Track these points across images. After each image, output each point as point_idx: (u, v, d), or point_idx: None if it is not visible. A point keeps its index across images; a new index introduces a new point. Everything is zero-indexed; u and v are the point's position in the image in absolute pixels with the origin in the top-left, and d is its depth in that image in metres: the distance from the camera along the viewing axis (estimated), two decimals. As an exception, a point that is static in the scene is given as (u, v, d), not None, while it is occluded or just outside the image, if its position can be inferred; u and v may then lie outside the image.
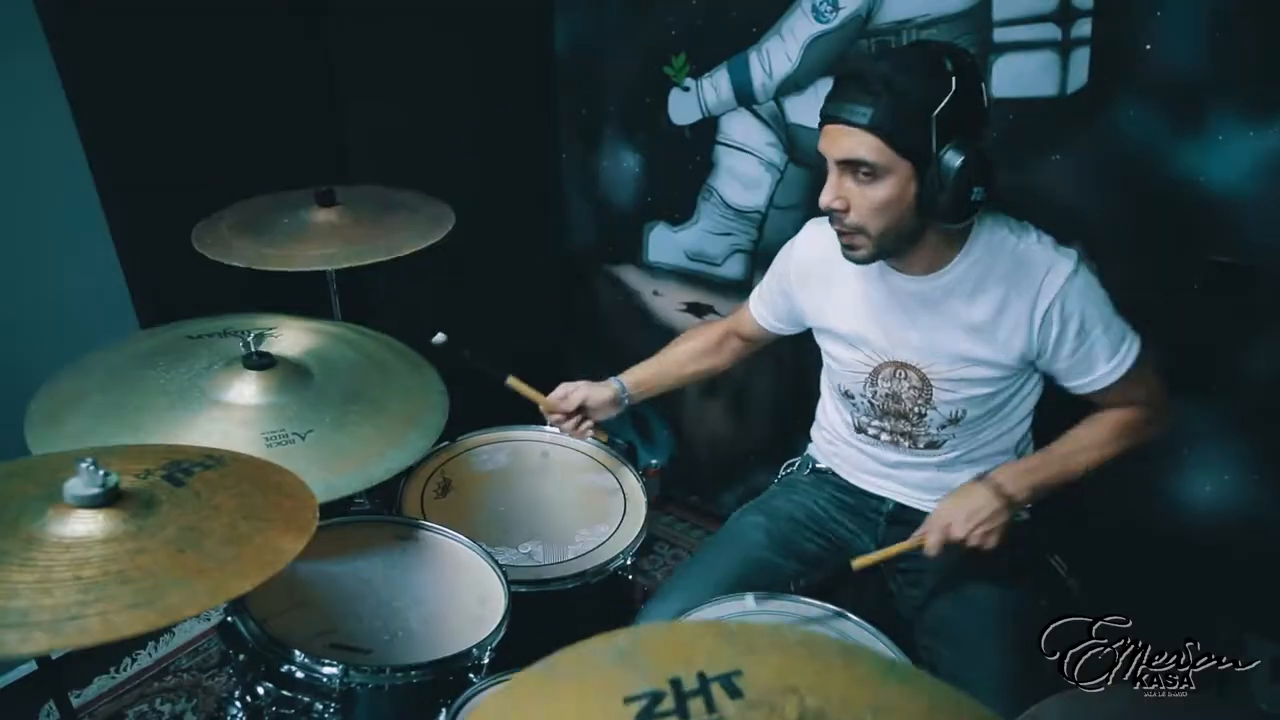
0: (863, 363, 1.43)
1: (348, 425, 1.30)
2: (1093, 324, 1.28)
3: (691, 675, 0.53)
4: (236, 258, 1.57)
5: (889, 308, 1.38)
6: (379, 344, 1.55)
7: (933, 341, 1.35)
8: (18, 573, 0.80)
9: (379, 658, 1.24)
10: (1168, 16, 1.53)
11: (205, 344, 1.40)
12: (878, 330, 1.40)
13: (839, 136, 1.20)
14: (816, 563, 1.49)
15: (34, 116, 1.69)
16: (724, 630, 0.59)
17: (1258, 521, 1.68)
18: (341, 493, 1.19)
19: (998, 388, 1.35)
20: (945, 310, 1.33)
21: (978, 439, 1.43)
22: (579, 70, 2.48)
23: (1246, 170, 1.53)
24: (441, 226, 1.73)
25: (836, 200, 1.23)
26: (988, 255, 1.30)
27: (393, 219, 1.75)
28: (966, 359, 1.34)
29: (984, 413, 1.38)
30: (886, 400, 1.43)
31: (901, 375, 1.40)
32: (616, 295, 2.65)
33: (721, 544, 1.54)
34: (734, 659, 0.54)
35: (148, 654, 2.04)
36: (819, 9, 1.95)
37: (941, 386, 1.37)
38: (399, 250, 1.63)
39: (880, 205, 1.21)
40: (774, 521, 1.53)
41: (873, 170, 1.19)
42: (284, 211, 1.73)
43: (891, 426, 1.46)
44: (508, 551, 1.54)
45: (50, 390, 1.26)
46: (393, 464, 1.27)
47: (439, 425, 1.37)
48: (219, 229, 1.67)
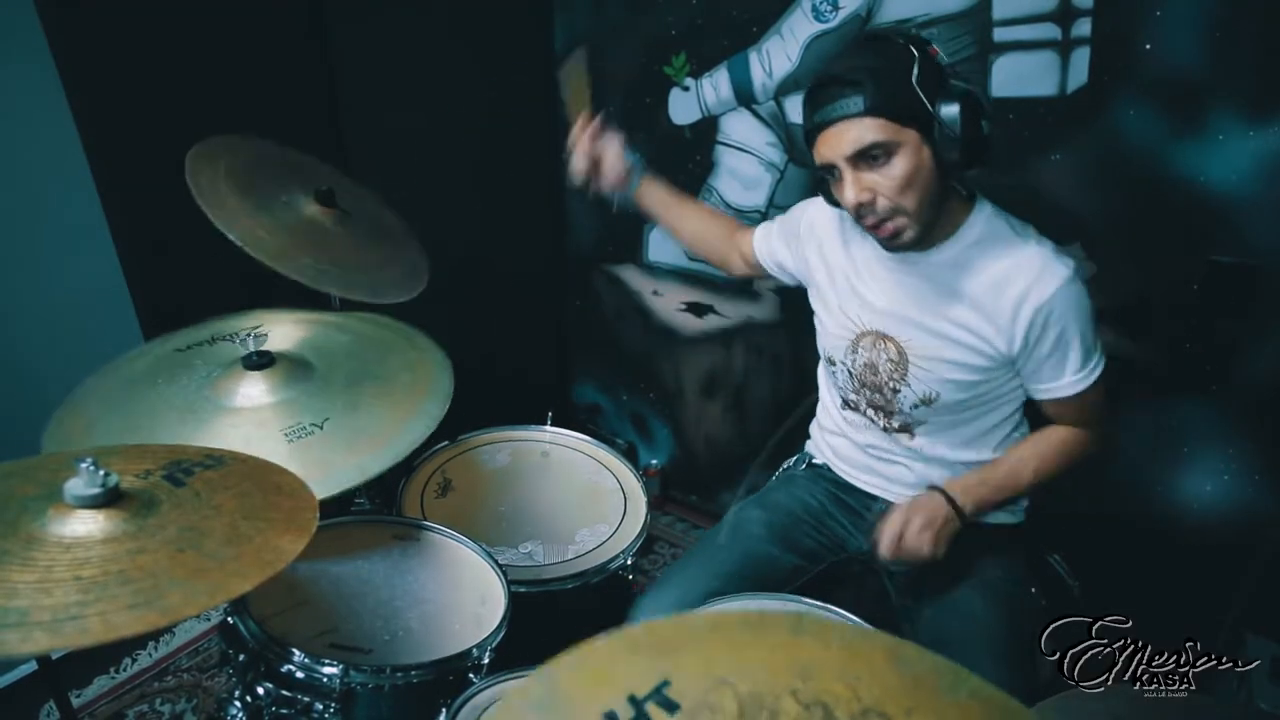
0: (846, 328, 1.46)
1: (361, 406, 1.30)
2: (1073, 334, 1.29)
3: (623, 703, 0.50)
4: (227, 220, 1.44)
5: (878, 276, 1.40)
6: (368, 323, 1.53)
7: (914, 315, 1.36)
8: (18, 573, 0.80)
9: (379, 658, 1.24)
10: (1168, 16, 1.53)
11: (198, 353, 1.39)
12: (864, 297, 1.42)
13: (841, 134, 1.21)
14: (814, 557, 1.51)
15: (34, 118, 1.69)
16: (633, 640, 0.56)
17: (1258, 521, 1.68)
18: (374, 472, 1.19)
19: (973, 376, 1.35)
20: (934, 287, 1.34)
21: (953, 434, 1.43)
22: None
23: (1246, 170, 1.53)
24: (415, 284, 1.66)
25: (863, 194, 1.23)
26: (984, 241, 1.31)
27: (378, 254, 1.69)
28: (944, 338, 1.34)
29: (957, 400, 1.38)
30: (865, 370, 1.45)
31: (881, 346, 1.41)
32: (616, 295, 2.65)
33: (721, 538, 1.55)
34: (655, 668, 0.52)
35: (148, 654, 2.04)
36: (819, 9, 1.95)
37: (917, 364, 1.38)
38: (377, 296, 1.56)
39: (905, 179, 1.22)
40: (774, 515, 1.54)
41: (885, 150, 1.20)
42: (286, 182, 1.64)
43: (869, 399, 1.47)
44: (508, 551, 1.54)
45: (56, 430, 1.22)
46: (415, 435, 1.27)
47: (449, 389, 1.37)
48: (218, 169, 1.54)
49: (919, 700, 0.50)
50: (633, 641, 0.55)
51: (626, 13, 2.30)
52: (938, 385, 1.37)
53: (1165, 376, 1.71)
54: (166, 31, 1.80)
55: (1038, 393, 1.37)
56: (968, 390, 1.37)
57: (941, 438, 1.44)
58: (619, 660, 0.53)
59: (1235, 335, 1.63)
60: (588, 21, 2.41)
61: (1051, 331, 1.28)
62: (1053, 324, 1.28)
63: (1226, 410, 1.68)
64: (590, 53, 1.59)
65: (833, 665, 0.52)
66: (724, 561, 1.46)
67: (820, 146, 1.25)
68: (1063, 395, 1.34)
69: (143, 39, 1.77)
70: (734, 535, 1.53)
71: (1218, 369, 1.67)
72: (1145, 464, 1.79)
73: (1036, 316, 1.27)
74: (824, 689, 0.50)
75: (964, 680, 0.52)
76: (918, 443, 1.45)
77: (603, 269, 2.66)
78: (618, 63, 2.37)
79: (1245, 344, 1.63)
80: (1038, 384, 1.35)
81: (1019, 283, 1.28)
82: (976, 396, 1.38)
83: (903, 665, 0.53)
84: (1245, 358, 1.64)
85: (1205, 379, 1.68)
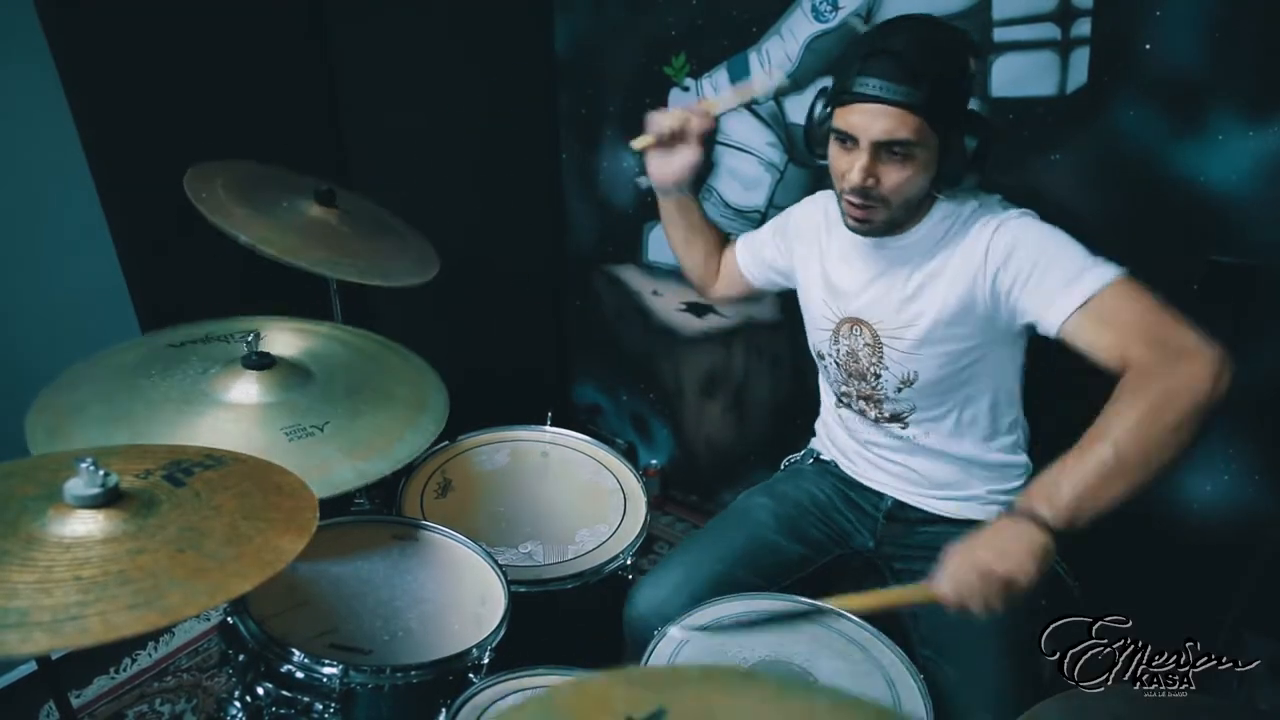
0: (826, 319, 1.48)
1: (360, 415, 1.32)
2: (1039, 251, 1.22)
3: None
4: (235, 226, 1.47)
5: (850, 261, 1.43)
6: (366, 339, 1.56)
7: (882, 296, 1.38)
8: (18, 573, 0.80)
9: (379, 658, 1.24)
10: (1167, 16, 1.53)
11: (191, 350, 1.40)
12: (838, 284, 1.44)
13: (878, 116, 1.19)
14: (820, 548, 1.52)
15: (34, 118, 1.69)
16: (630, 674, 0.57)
17: (1258, 521, 1.68)
18: (372, 477, 1.22)
19: (948, 347, 1.34)
20: (901, 265, 1.36)
21: (942, 423, 1.43)
22: (579, 70, 2.48)
23: (1246, 170, 1.53)
24: (427, 269, 1.71)
25: (868, 179, 1.23)
26: (948, 216, 1.33)
27: (384, 243, 1.72)
28: (912, 314, 1.35)
29: (937, 379, 1.37)
30: (848, 359, 1.46)
31: (857, 332, 1.43)
32: (616, 295, 2.65)
33: (729, 522, 1.56)
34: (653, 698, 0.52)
35: (148, 654, 2.04)
36: (819, 9, 1.95)
37: (890, 344, 1.39)
38: (390, 279, 1.61)
39: (911, 180, 1.23)
40: (781, 505, 1.55)
41: (908, 149, 1.20)
42: (283, 192, 1.67)
43: (857, 390, 1.48)
44: (508, 551, 1.54)
45: (46, 404, 1.22)
46: (413, 447, 1.30)
47: (444, 409, 1.41)
48: (215, 185, 1.56)
49: None
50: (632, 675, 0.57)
51: (626, 13, 2.30)
52: (913, 364, 1.38)
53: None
54: (166, 31, 1.80)
55: (1053, 327, 1.21)
56: (945, 365, 1.36)
57: (932, 427, 1.44)
58: (618, 688, 0.54)
59: (1235, 335, 1.63)
60: (588, 21, 2.41)
61: (1023, 259, 1.23)
62: (1019, 252, 1.24)
63: (1226, 410, 1.68)
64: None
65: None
66: (730, 545, 1.47)
67: (850, 113, 1.22)
68: (1071, 311, 1.18)
69: (143, 39, 1.77)
70: (741, 520, 1.54)
71: (1218, 369, 1.66)
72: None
73: (1002, 252, 1.25)
74: None
75: None
76: (910, 432, 1.46)
77: (603, 269, 2.66)
78: (618, 63, 2.37)
79: (1245, 344, 1.63)
80: (1043, 316, 1.22)
81: (982, 235, 1.28)
82: (955, 373, 1.37)
83: None
84: (1245, 358, 1.64)
85: (1205, 379, 1.68)
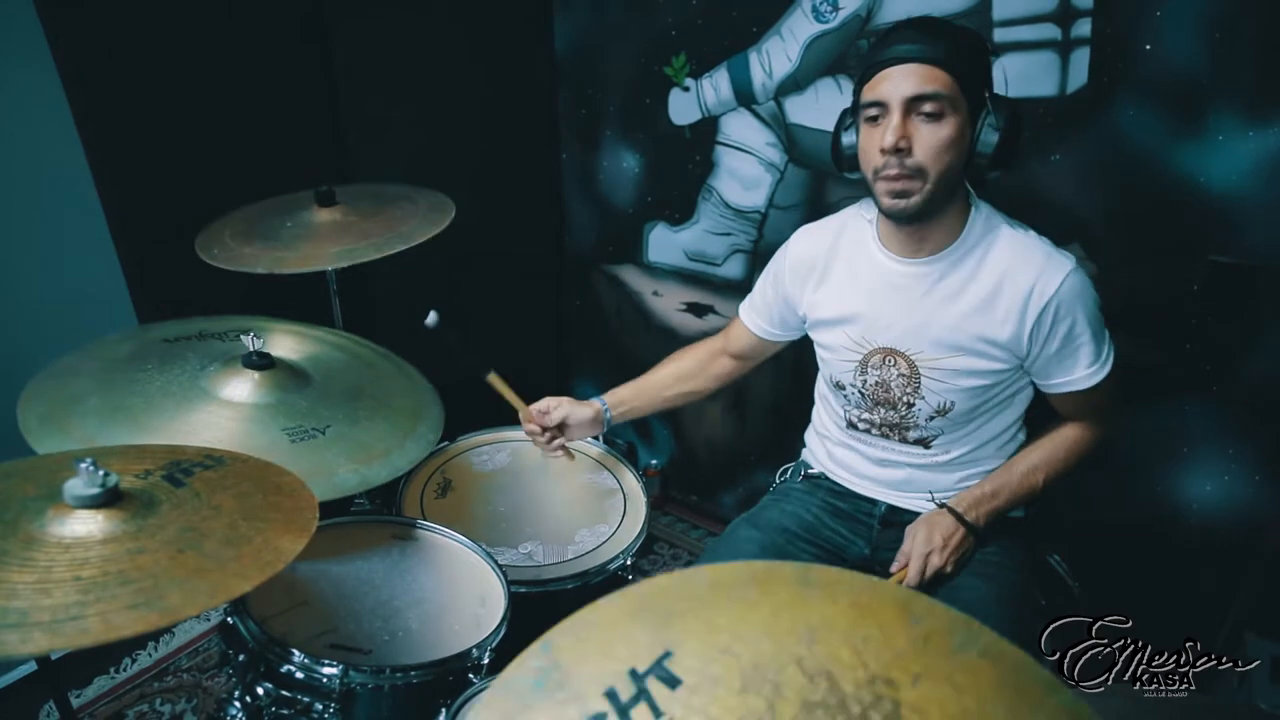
0: (852, 350, 1.43)
1: (361, 420, 1.33)
2: (1083, 326, 1.29)
3: (624, 679, 0.48)
4: (250, 264, 1.55)
5: (879, 291, 1.39)
6: (363, 347, 1.57)
7: (921, 327, 1.35)
8: (18, 573, 0.80)
9: (379, 658, 1.24)
10: (1168, 16, 1.53)
11: (187, 346, 1.40)
12: (867, 315, 1.40)
13: (909, 74, 1.21)
14: None
15: (35, 117, 1.69)
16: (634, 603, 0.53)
17: (1258, 522, 1.68)
18: (374, 483, 1.24)
19: (985, 380, 1.35)
20: (936, 295, 1.33)
21: (967, 440, 1.43)
22: (579, 70, 2.48)
23: (1246, 170, 1.53)
24: (444, 215, 1.72)
25: (902, 140, 1.22)
26: (984, 244, 1.31)
27: (394, 211, 1.74)
28: (954, 346, 1.33)
29: (971, 407, 1.38)
30: (876, 389, 1.43)
31: (890, 363, 1.40)
32: (616, 295, 2.65)
33: (715, 558, 1.54)
34: (657, 639, 0.49)
35: (148, 654, 2.04)
36: (819, 9, 1.95)
37: (929, 375, 1.37)
38: (410, 240, 1.62)
39: (945, 144, 1.22)
40: (766, 534, 1.51)
41: (940, 107, 1.21)
42: (284, 214, 1.72)
43: (881, 419, 1.46)
44: (508, 551, 1.54)
45: (40, 393, 1.22)
46: (412, 454, 1.32)
47: (440, 419, 1.43)
48: (223, 238, 1.65)
49: (928, 664, 0.49)
50: (634, 604, 0.53)
51: (626, 13, 2.30)
52: (952, 394, 1.37)
53: (1165, 377, 1.71)
54: (166, 31, 1.80)
55: (1054, 388, 1.36)
56: (980, 396, 1.37)
57: (955, 446, 1.43)
58: (619, 630, 0.51)
59: (1235, 335, 1.63)
60: (588, 21, 2.41)
61: (1062, 325, 1.28)
62: (1062, 316, 1.28)
63: (1226, 410, 1.68)
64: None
65: (840, 625, 0.51)
66: None
67: (879, 82, 1.24)
68: (1079, 388, 1.34)
69: (143, 38, 1.77)
70: (728, 556, 1.51)
71: (1218, 369, 1.67)
72: (1145, 464, 1.79)
73: (1045, 310, 1.27)
74: (830, 655, 0.49)
75: (976, 636, 0.51)
76: (933, 452, 1.45)
77: (602, 269, 2.66)
78: (618, 63, 2.37)
79: (1245, 344, 1.63)
80: (1053, 379, 1.35)
81: (1023, 279, 1.28)
82: (987, 402, 1.38)
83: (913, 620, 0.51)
84: (1245, 358, 1.64)
85: (1205, 379, 1.68)
